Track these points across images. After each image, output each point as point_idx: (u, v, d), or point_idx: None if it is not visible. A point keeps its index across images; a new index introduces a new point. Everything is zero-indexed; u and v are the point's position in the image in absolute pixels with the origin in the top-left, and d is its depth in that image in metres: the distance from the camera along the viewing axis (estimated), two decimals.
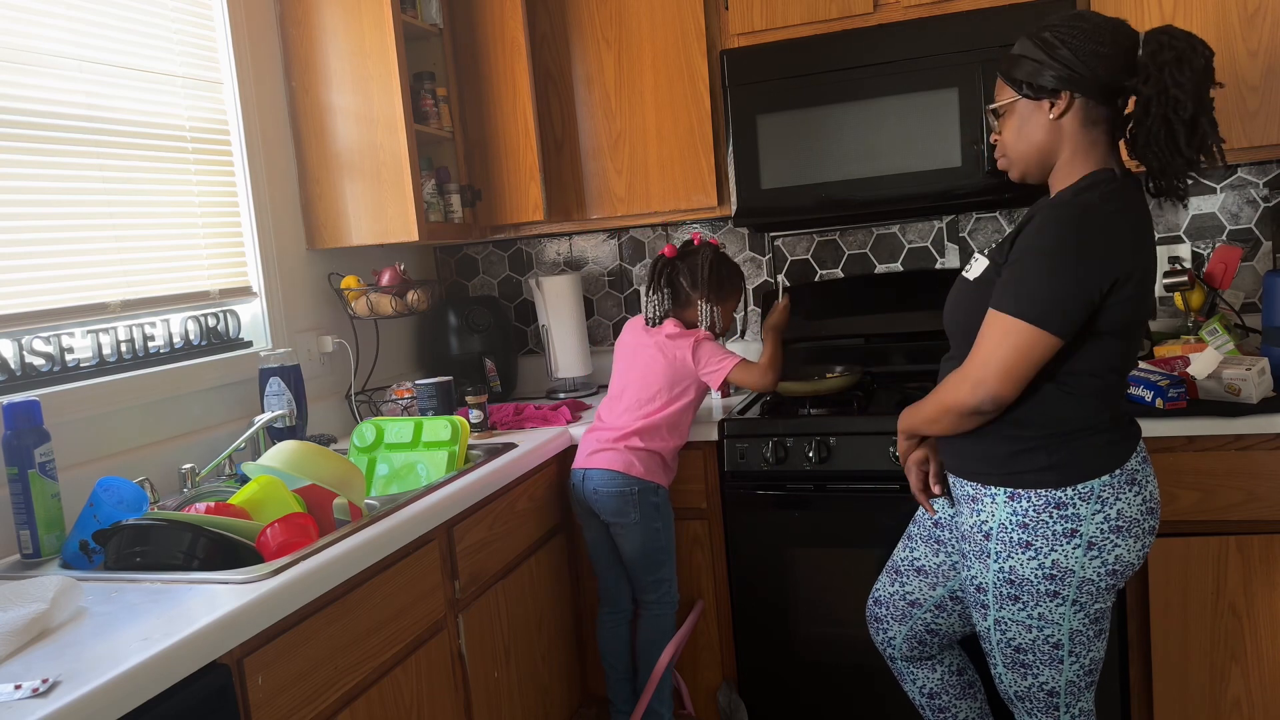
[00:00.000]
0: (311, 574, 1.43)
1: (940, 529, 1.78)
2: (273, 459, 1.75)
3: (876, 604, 1.90)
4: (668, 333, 2.22)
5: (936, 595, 1.81)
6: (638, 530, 2.18)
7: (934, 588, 1.81)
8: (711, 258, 2.24)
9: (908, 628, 1.85)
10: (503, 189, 2.66)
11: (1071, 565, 1.50)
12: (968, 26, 2.23)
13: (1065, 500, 1.49)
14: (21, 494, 1.59)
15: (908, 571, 1.84)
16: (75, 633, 1.24)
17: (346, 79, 2.38)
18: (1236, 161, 2.25)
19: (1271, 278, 2.14)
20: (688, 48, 2.52)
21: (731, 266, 2.29)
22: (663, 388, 2.19)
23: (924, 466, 1.73)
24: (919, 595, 1.82)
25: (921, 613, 1.83)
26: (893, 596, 1.86)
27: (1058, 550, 1.50)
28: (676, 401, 2.19)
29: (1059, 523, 1.50)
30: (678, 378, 2.19)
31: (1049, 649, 1.57)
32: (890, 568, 1.88)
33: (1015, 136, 1.57)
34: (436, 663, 1.78)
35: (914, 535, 1.84)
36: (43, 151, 1.80)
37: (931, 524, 1.80)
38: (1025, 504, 1.52)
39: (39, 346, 1.75)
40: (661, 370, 2.19)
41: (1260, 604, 1.97)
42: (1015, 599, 1.55)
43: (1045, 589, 1.52)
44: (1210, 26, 2.16)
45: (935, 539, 1.79)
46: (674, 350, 2.19)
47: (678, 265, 2.26)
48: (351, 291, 2.51)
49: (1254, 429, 1.91)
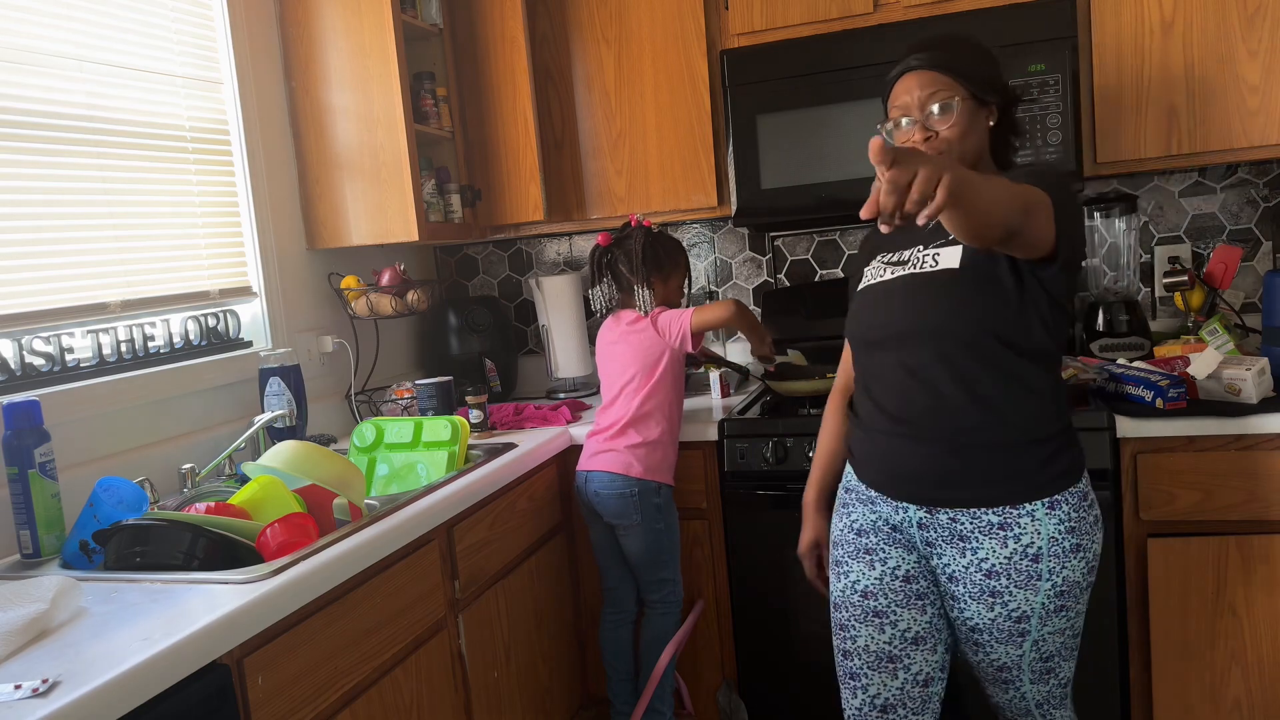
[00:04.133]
0: (311, 574, 1.42)
1: (912, 581, 1.56)
2: (273, 459, 1.75)
3: (886, 712, 1.58)
4: (628, 321, 2.24)
5: (939, 658, 1.59)
6: (641, 531, 2.18)
7: (934, 650, 1.58)
8: (644, 238, 2.24)
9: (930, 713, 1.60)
10: (503, 189, 2.66)
11: (1099, 550, 1.53)
12: (967, 26, 2.23)
13: (1086, 489, 1.52)
14: (21, 494, 1.59)
15: (902, 651, 1.57)
16: (75, 633, 1.24)
17: (346, 79, 2.38)
18: (1236, 161, 2.25)
19: (1272, 277, 2.14)
20: (688, 48, 2.52)
21: (668, 242, 2.29)
22: (637, 371, 2.20)
23: (816, 552, 1.79)
24: (927, 669, 1.58)
25: (937, 687, 1.59)
26: (902, 693, 1.57)
27: (1096, 542, 1.51)
28: (653, 378, 2.19)
29: (1090, 512, 1.51)
30: (648, 357, 2.20)
31: (1073, 641, 1.56)
32: (873, 664, 1.58)
33: (961, 136, 1.53)
34: (436, 663, 1.78)
35: (881, 611, 1.57)
36: (43, 151, 1.80)
37: (900, 583, 1.56)
38: (1065, 509, 1.48)
39: (39, 346, 1.75)
40: (632, 357, 2.21)
41: (1260, 604, 1.97)
42: (1062, 609, 1.49)
43: (1086, 584, 1.51)
44: (1210, 26, 2.16)
45: (916, 595, 1.56)
46: (637, 336, 2.21)
47: (614, 252, 2.27)
48: (351, 291, 2.51)
49: (1254, 429, 1.91)
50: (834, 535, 1.67)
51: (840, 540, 1.64)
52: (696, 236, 2.92)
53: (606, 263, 2.28)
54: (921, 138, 1.52)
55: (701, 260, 2.92)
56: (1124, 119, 2.24)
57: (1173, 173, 2.51)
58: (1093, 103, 2.25)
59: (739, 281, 2.90)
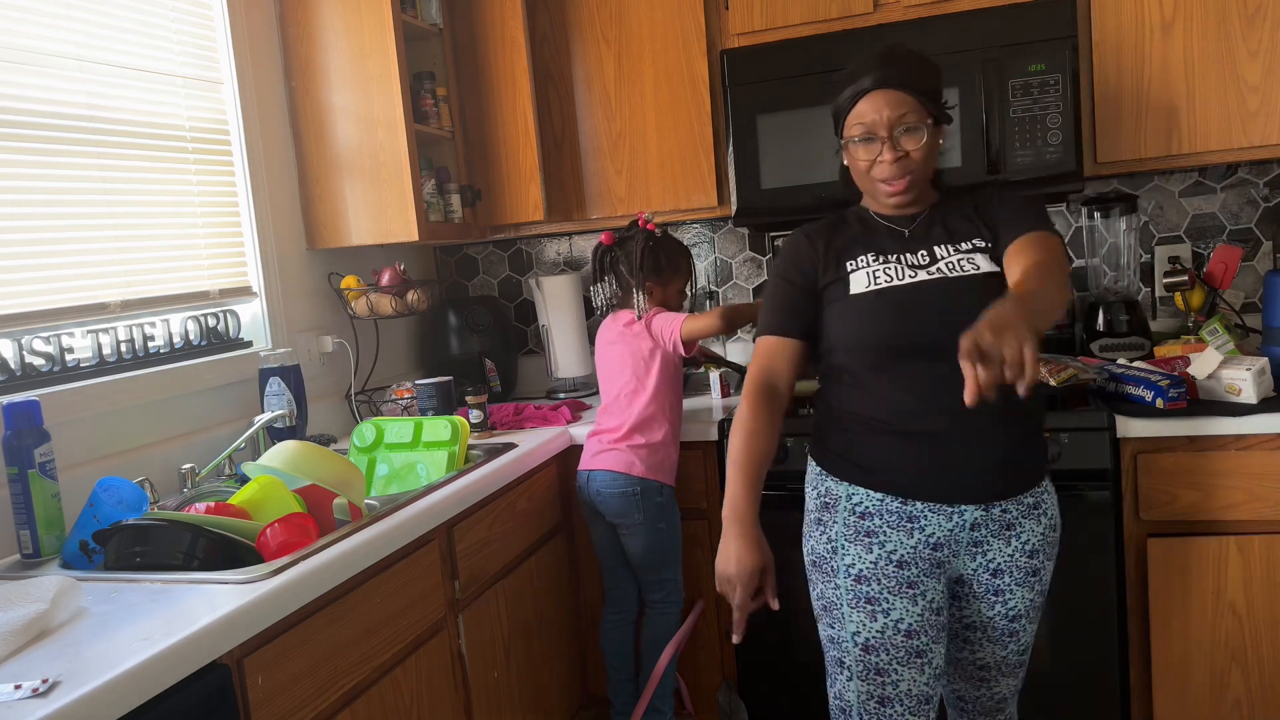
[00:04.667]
0: (311, 574, 1.42)
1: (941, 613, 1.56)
2: (273, 459, 1.75)
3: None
4: (624, 322, 2.24)
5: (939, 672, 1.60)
6: (643, 531, 2.18)
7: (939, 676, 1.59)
8: (645, 241, 2.24)
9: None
10: (503, 189, 2.66)
11: None
12: (967, 26, 2.23)
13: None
14: (21, 494, 1.59)
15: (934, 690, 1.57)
16: (75, 633, 1.24)
17: (346, 79, 2.38)
18: (1236, 161, 2.25)
19: (1272, 277, 2.14)
20: (688, 47, 2.52)
21: (671, 246, 2.28)
22: (634, 372, 2.20)
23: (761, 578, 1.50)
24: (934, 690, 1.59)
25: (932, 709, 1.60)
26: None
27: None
28: (649, 379, 2.19)
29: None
30: (644, 359, 2.20)
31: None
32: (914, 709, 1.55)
33: (926, 157, 1.55)
34: (436, 663, 1.78)
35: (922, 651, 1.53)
36: (43, 151, 1.79)
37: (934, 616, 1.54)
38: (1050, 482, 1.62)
39: (39, 346, 1.75)
40: (628, 358, 2.21)
41: (1260, 604, 1.97)
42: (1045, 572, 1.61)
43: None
44: (1210, 26, 2.16)
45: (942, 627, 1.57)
46: (634, 338, 2.21)
47: (616, 252, 2.27)
48: (351, 291, 2.51)
49: (1254, 429, 1.91)
50: (862, 569, 1.53)
51: (877, 574, 1.53)
52: (696, 236, 2.92)
53: (608, 262, 2.28)
54: (892, 157, 1.53)
55: (702, 260, 2.92)
56: (1124, 119, 2.24)
57: (1173, 173, 2.51)
58: (1093, 103, 2.25)
59: (739, 281, 2.90)
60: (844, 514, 1.56)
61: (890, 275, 1.55)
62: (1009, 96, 2.21)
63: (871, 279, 1.56)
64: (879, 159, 1.55)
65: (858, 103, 1.55)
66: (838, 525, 1.57)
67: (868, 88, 1.53)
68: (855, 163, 1.60)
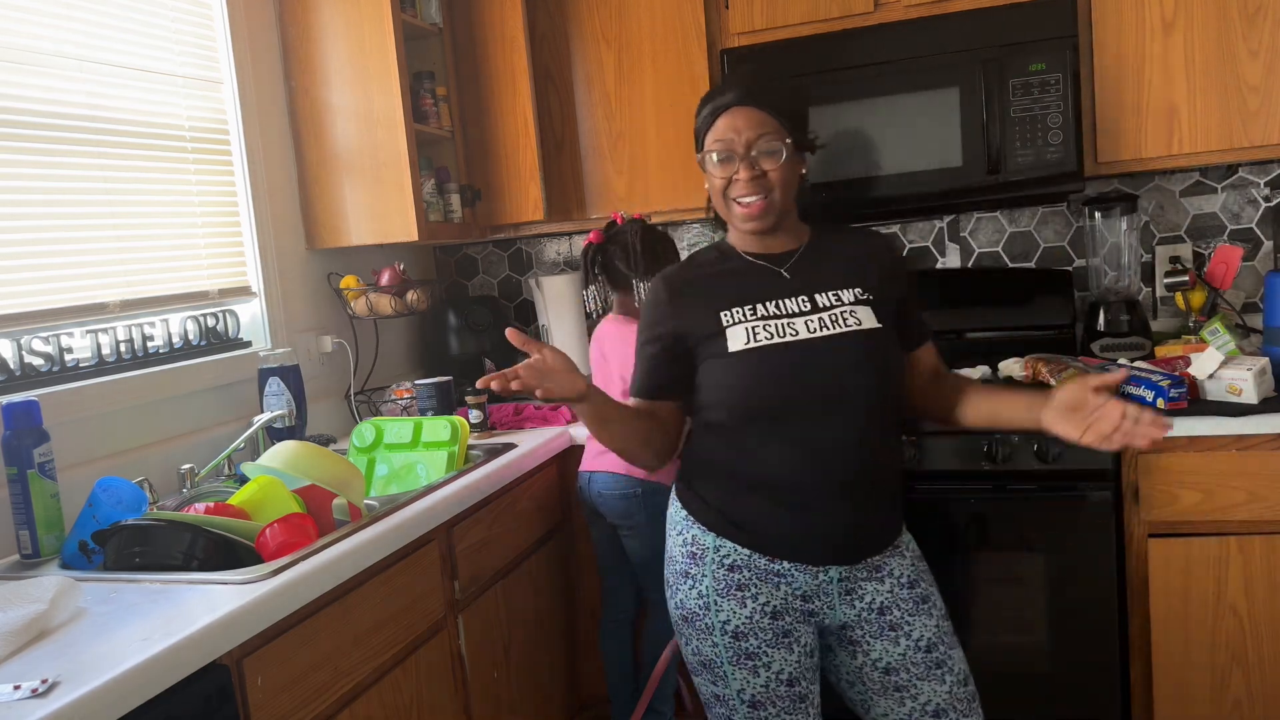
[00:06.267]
0: (311, 574, 1.42)
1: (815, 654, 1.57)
2: (272, 459, 1.74)
3: None
4: (624, 321, 2.19)
5: None
6: (645, 532, 2.16)
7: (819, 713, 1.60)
8: (640, 231, 2.19)
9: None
10: (502, 188, 2.66)
11: None
12: (968, 26, 2.23)
13: None
14: (21, 494, 1.59)
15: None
16: (74, 633, 1.24)
17: (346, 78, 2.38)
18: (1236, 161, 2.25)
19: (1273, 277, 2.14)
20: (688, 47, 2.51)
21: (662, 235, 2.25)
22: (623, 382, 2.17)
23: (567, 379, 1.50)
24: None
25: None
26: None
27: None
28: None
29: None
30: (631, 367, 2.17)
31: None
32: None
33: (784, 180, 1.51)
34: (436, 663, 1.78)
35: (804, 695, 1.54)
36: (43, 151, 1.79)
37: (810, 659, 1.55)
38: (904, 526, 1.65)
39: (38, 346, 1.75)
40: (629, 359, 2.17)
41: (1261, 605, 1.97)
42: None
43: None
44: (1210, 26, 2.16)
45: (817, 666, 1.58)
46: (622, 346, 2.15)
47: (608, 249, 2.21)
48: (351, 291, 2.51)
49: (1255, 429, 1.91)
50: (739, 625, 1.51)
51: (753, 629, 1.50)
52: (697, 236, 2.91)
53: (600, 261, 2.23)
54: (747, 175, 1.49)
55: None
56: (1124, 118, 2.23)
57: (1173, 172, 2.51)
58: (1093, 102, 2.25)
59: None
60: (712, 567, 1.53)
61: (770, 331, 1.49)
62: (1009, 96, 2.21)
63: (751, 335, 1.49)
64: (735, 176, 1.50)
65: (717, 119, 1.51)
66: (707, 580, 1.53)
67: (728, 103, 1.50)
68: (712, 180, 1.54)
